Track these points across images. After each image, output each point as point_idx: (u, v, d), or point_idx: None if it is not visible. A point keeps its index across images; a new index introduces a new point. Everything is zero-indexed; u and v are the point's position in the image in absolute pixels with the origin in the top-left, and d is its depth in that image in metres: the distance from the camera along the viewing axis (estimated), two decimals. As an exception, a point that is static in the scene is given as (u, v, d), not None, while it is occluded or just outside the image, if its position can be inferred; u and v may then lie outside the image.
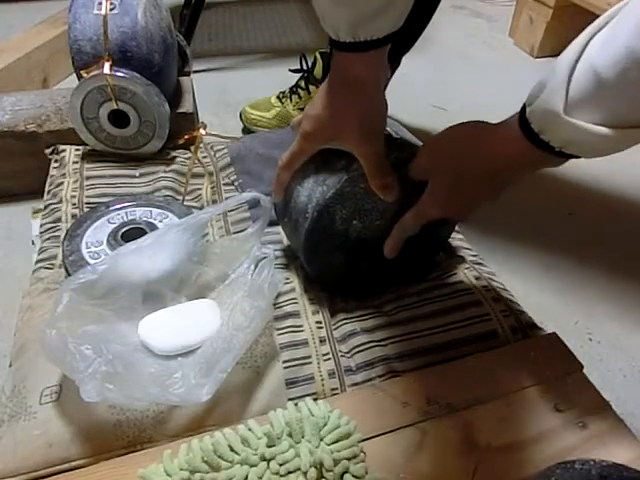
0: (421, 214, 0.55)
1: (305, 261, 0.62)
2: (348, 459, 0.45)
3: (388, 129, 0.57)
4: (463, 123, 0.51)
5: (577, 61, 0.39)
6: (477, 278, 0.64)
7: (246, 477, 0.44)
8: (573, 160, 0.43)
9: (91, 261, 0.64)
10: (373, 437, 0.49)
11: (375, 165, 0.53)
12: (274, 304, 0.61)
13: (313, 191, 0.57)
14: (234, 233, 0.74)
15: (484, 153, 0.48)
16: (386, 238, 0.60)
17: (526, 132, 0.43)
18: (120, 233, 0.68)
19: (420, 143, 0.63)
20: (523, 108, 0.44)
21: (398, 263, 0.63)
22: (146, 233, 0.60)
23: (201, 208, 0.80)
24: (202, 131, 0.80)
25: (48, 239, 0.72)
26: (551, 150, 0.42)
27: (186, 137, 0.81)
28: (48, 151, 0.89)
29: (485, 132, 0.48)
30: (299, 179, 0.59)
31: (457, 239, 0.73)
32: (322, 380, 0.54)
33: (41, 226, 0.75)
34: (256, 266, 0.61)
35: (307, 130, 0.54)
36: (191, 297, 0.62)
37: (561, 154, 0.43)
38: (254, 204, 0.77)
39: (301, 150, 0.56)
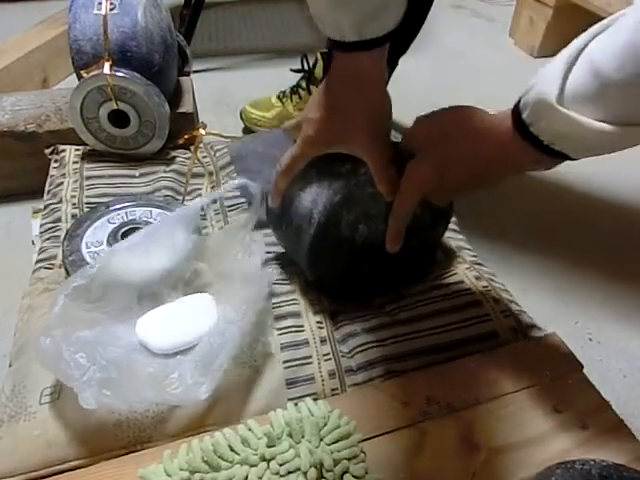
0: (407, 191, 0.51)
1: (307, 267, 0.61)
2: (348, 459, 0.45)
3: None
4: (460, 106, 0.49)
5: (577, 56, 0.39)
6: (477, 278, 0.64)
7: (246, 477, 0.44)
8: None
9: (91, 261, 0.64)
10: (373, 437, 0.49)
11: (384, 168, 0.52)
12: (275, 304, 0.61)
13: (318, 196, 0.56)
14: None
15: (473, 141, 0.47)
16: None
17: (518, 124, 0.43)
18: (120, 233, 0.68)
19: None
20: (518, 100, 0.43)
21: (398, 265, 0.62)
22: (146, 233, 0.60)
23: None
24: (202, 131, 0.80)
25: (48, 239, 0.72)
26: (540, 145, 0.42)
27: (186, 137, 0.81)
28: (48, 151, 0.89)
29: (478, 119, 0.47)
30: (300, 184, 0.58)
31: (457, 239, 0.73)
32: (322, 380, 0.54)
33: (41, 226, 0.75)
34: (248, 257, 0.61)
35: (310, 134, 0.52)
36: (187, 293, 0.62)
37: (549, 151, 0.42)
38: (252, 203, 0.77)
39: (302, 155, 0.54)
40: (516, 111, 0.43)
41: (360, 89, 0.50)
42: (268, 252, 0.68)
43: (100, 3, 0.80)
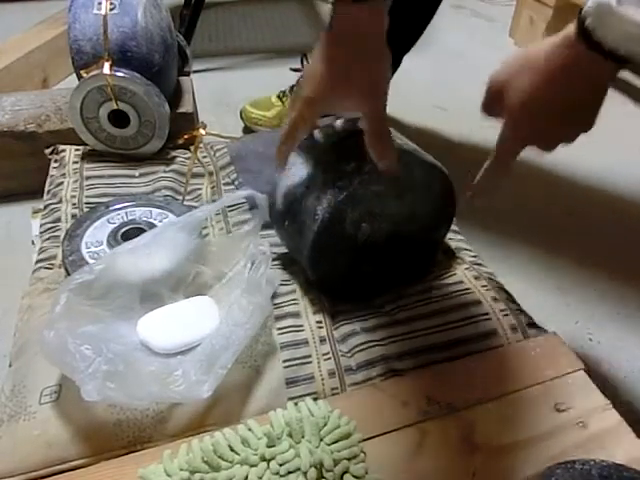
0: (508, 146, 0.51)
1: (309, 264, 0.61)
2: (348, 459, 0.45)
3: None
4: (520, 50, 0.49)
5: None
6: (476, 278, 0.64)
7: (246, 477, 0.44)
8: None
9: (91, 261, 0.64)
10: (373, 437, 0.49)
11: (379, 124, 0.51)
12: (275, 304, 0.61)
13: (323, 192, 0.56)
14: (234, 233, 0.74)
15: (545, 67, 0.46)
16: (392, 242, 0.60)
17: (581, 32, 0.43)
18: (120, 233, 0.68)
19: (414, 146, 0.62)
20: (580, 10, 0.43)
21: (399, 265, 0.62)
22: (146, 233, 0.60)
23: (201, 208, 0.80)
24: (202, 131, 0.80)
25: (48, 239, 0.72)
26: (603, 51, 0.42)
27: (186, 137, 0.81)
28: (48, 151, 0.89)
29: (542, 46, 0.47)
30: (304, 181, 0.58)
31: (457, 239, 0.73)
32: (322, 379, 0.54)
33: (41, 226, 0.75)
34: (252, 264, 0.61)
35: (307, 94, 0.50)
36: (188, 296, 0.62)
37: (614, 57, 0.42)
38: (254, 205, 0.77)
39: (302, 117, 0.52)
40: (579, 20, 0.43)
41: (359, 44, 0.49)
42: (263, 247, 0.68)
43: (100, 3, 0.80)
